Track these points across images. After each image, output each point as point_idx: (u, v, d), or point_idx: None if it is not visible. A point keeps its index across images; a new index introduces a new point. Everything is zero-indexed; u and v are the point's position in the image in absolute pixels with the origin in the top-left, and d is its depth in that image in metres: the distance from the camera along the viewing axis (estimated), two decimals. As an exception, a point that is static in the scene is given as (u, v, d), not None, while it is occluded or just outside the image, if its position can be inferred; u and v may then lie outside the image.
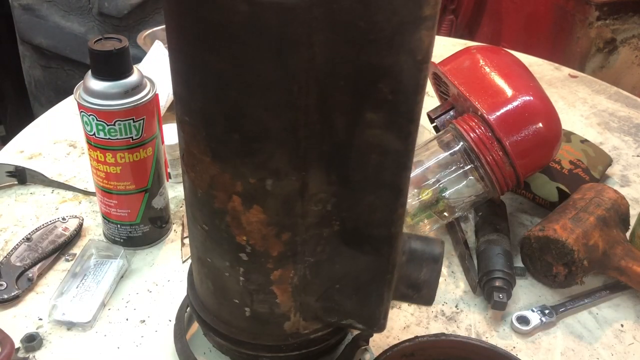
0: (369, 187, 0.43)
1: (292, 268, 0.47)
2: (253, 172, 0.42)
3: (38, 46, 1.52)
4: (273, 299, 0.49)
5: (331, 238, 0.46)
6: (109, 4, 1.44)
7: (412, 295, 0.51)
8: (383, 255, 0.46)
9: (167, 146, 0.81)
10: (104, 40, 0.62)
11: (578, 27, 1.65)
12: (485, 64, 0.73)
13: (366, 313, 0.50)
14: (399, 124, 0.40)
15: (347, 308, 0.50)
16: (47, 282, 0.68)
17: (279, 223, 0.44)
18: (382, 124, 0.40)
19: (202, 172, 0.44)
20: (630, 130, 1.03)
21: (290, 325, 0.51)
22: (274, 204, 0.43)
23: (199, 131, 0.42)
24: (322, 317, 0.51)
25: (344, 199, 0.44)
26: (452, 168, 0.71)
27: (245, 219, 0.44)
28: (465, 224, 0.78)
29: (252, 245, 0.45)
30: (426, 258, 0.50)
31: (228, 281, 0.49)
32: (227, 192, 0.43)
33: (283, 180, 0.42)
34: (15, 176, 0.83)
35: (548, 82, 1.17)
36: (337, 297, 0.49)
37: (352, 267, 0.47)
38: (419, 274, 0.50)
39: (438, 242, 0.51)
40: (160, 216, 0.73)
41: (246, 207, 0.44)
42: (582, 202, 0.71)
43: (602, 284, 0.72)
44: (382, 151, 0.41)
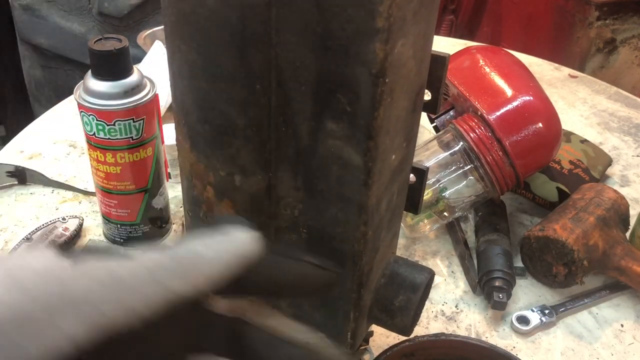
0: (331, 199, 0.42)
1: None
2: (223, 165, 0.42)
3: (38, 46, 1.52)
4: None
5: (300, 245, 0.45)
6: (109, 4, 1.44)
7: (386, 320, 0.48)
8: (348, 273, 0.44)
9: (167, 146, 0.81)
10: (104, 40, 0.62)
11: (578, 27, 1.65)
12: (485, 64, 0.73)
13: (334, 329, 0.48)
14: (357, 138, 0.38)
15: (316, 320, 0.48)
16: (47, 282, 0.68)
17: (249, 220, 0.44)
18: (341, 136, 0.38)
19: (184, 159, 0.45)
20: (630, 130, 1.03)
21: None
22: (242, 200, 0.43)
23: (180, 118, 0.44)
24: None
25: (310, 207, 0.43)
26: (452, 168, 0.71)
27: (217, 211, 0.45)
28: (465, 224, 0.78)
29: None
30: (405, 285, 0.47)
31: None
32: (202, 181, 0.44)
33: (250, 177, 0.42)
34: (15, 176, 0.83)
35: (548, 82, 1.17)
36: (306, 307, 0.48)
37: None
38: (394, 300, 0.47)
39: (425, 271, 0.48)
40: (160, 216, 0.73)
41: (218, 198, 0.44)
42: (582, 202, 0.71)
43: (602, 284, 0.72)
44: (343, 164, 0.40)
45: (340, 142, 0.39)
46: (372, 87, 0.36)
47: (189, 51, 0.39)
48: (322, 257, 0.43)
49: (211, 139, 0.42)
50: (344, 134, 0.38)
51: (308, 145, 0.40)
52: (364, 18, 0.34)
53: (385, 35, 0.34)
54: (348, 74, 0.36)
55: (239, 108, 0.39)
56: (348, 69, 0.36)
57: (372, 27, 0.34)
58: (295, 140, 0.40)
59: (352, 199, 0.41)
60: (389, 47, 0.34)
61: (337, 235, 0.43)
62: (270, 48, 0.36)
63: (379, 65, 0.35)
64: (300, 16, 0.35)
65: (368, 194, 0.40)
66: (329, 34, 0.35)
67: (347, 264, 0.44)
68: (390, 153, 0.41)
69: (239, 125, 0.40)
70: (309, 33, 0.35)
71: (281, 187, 0.42)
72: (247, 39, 0.36)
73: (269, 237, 0.44)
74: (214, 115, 0.41)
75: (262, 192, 0.43)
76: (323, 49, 0.35)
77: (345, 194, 0.41)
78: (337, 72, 0.36)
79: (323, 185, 0.41)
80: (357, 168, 0.39)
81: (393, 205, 0.47)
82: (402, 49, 0.36)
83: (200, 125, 0.42)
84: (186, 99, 0.42)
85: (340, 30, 0.34)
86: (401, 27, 0.35)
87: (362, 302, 0.46)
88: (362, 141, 0.38)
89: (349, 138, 0.38)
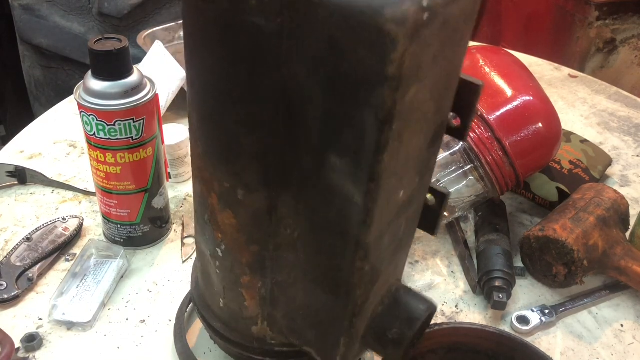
0: (330, 230, 0.41)
1: (259, 280, 0.47)
2: (227, 177, 0.42)
3: (38, 46, 1.52)
4: (242, 301, 0.49)
5: (297, 265, 0.44)
6: (109, 4, 1.44)
7: (378, 349, 0.47)
8: (341, 301, 0.44)
9: (167, 146, 0.81)
10: (104, 40, 0.62)
11: (578, 27, 1.65)
12: (485, 64, 0.73)
13: (325, 350, 0.47)
14: (360, 178, 0.37)
15: (309, 337, 0.48)
16: (47, 282, 0.68)
17: (249, 233, 0.44)
18: (345, 172, 0.38)
19: (194, 162, 0.46)
20: (630, 130, 1.03)
21: (258, 330, 0.51)
22: (244, 214, 0.43)
23: (193, 122, 0.44)
24: (286, 335, 0.49)
25: (309, 233, 0.42)
26: (452, 168, 0.71)
27: (220, 219, 0.45)
28: (465, 224, 0.78)
29: (225, 245, 0.46)
30: (402, 317, 0.46)
31: (210, 269, 0.50)
32: (208, 187, 0.45)
33: (253, 194, 0.42)
34: (15, 176, 0.83)
35: (548, 82, 1.17)
36: (300, 322, 0.47)
37: (313, 301, 0.45)
38: (388, 332, 0.46)
39: (426, 307, 0.46)
40: (160, 216, 0.73)
41: (221, 207, 0.44)
42: (582, 202, 0.71)
43: (602, 284, 0.72)
44: (344, 200, 0.39)
45: (343, 178, 0.38)
46: (377, 132, 0.34)
47: (202, 64, 0.39)
48: (317, 282, 0.43)
49: (217, 154, 0.42)
50: (347, 171, 0.37)
51: (311, 175, 0.39)
52: (375, 63, 0.32)
53: (396, 83, 0.32)
54: (355, 115, 0.35)
55: (246, 129, 0.39)
56: (355, 110, 0.34)
57: (383, 74, 0.32)
58: (299, 169, 0.39)
59: (351, 234, 0.40)
60: (399, 94, 0.33)
61: (334, 266, 0.42)
62: (280, 76, 0.36)
63: (386, 112, 0.33)
64: (311, 52, 0.34)
65: (367, 233, 0.39)
66: (339, 74, 0.34)
67: (342, 293, 0.43)
68: (398, 191, 0.40)
69: (245, 145, 0.40)
70: (318, 69, 0.34)
71: (283, 208, 0.42)
72: (257, 63, 0.36)
73: (269, 253, 0.45)
74: (221, 131, 0.41)
75: (263, 209, 0.42)
76: (332, 87, 0.35)
77: (345, 228, 0.40)
78: (343, 113, 0.35)
79: (323, 215, 0.41)
80: (357, 206, 0.38)
81: (399, 238, 0.45)
82: (417, 95, 0.35)
83: (210, 139, 0.42)
84: (198, 106, 0.42)
85: (350, 71, 0.33)
86: (416, 74, 0.33)
87: (354, 329, 0.45)
88: (364, 182, 0.37)
89: (351, 176, 0.37)
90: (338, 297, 0.43)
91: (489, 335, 0.56)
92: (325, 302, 0.45)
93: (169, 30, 1.14)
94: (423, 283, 0.71)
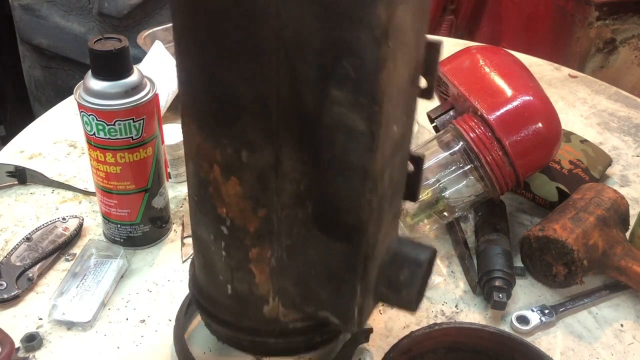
0: (337, 168, 0.43)
1: (269, 247, 0.47)
2: (230, 142, 0.43)
3: (38, 46, 1.52)
4: (252, 278, 0.49)
5: (305, 221, 0.46)
6: (109, 4, 1.44)
7: (392, 296, 0.49)
8: (354, 245, 0.45)
9: (167, 146, 0.81)
10: (104, 40, 0.62)
11: (578, 27, 1.65)
12: (485, 64, 0.73)
13: (340, 306, 0.49)
14: (362, 103, 0.39)
15: (322, 297, 0.49)
16: (47, 282, 0.68)
17: (255, 198, 0.45)
18: (346, 102, 0.40)
19: (190, 140, 0.46)
20: (630, 130, 1.03)
21: (269, 310, 0.51)
22: (249, 177, 0.44)
23: (187, 98, 0.45)
24: (299, 306, 0.50)
25: (316, 180, 0.44)
26: (452, 168, 0.71)
27: (224, 191, 0.45)
28: (465, 224, 0.78)
29: (231, 219, 0.46)
30: (409, 260, 0.49)
31: (213, 255, 0.50)
32: (209, 161, 0.45)
33: (257, 152, 0.43)
34: (15, 176, 0.83)
35: (548, 82, 1.17)
36: (312, 284, 0.48)
37: (325, 253, 0.47)
38: (399, 275, 0.48)
39: (428, 249, 0.49)
40: (160, 216, 0.73)
41: (225, 177, 0.45)
42: (581, 202, 0.71)
43: (602, 284, 0.72)
44: (348, 131, 0.41)
45: (345, 108, 0.40)
46: (376, 49, 0.37)
47: (198, 29, 0.40)
48: (327, 231, 0.44)
49: (219, 117, 0.43)
50: (348, 101, 0.40)
51: (313, 115, 0.41)
52: None
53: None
54: (352, 39, 0.37)
55: (247, 82, 0.41)
56: (352, 33, 0.37)
57: None
58: (301, 112, 0.41)
59: (358, 166, 0.42)
60: (391, 10, 0.36)
61: (343, 206, 0.44)
62: (278, 20, 0.38)
63: (382, 28, 0.36)
64: None
65: (373, 160, 0.41)
66: (333, 1, 0.36)
67: (353, 235, 0.44)
68: (392, 123, 0.42)
69: (247, 100, 0.41)
70: (315, 1, 0.37)
71: (287, 162, 0.43)
72: (254, 13, 0.38)
73: (276, 214, 0.45)
74: (222, 91, 0.42)
75: (268, 167, 0.43)
76: (327, 15, 0.37)
77: (351, 161, 0.42)
78: (341, 38, 0.37)
79: (329, 155, 0.42)
80: (362, 134, 0.40)
81: (395, 181, 0.47)
82: (403, 14, 0.37)
83: (208, 103, 0.43)
84: (194, 79, 0.43)
85: None
86: None
87: (368, 276, 0.46)
88: (366, 106, 0.39)
89: (353, 104, 0.40)
90: (350, 241, 0.45)
91: (489, 335, 0.56)
92: (337, 252, 0.46)
93: (169, 30, 1.14)
94: (423, 283, 0.71)
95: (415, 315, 0.66)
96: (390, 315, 0.66)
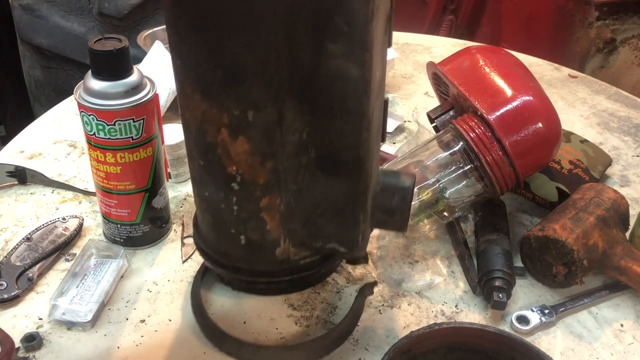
0: (336, 114, 0.49)
1: (277, 195, 0.52)
2: (236, 104, 0.47)
3: (38, 46, 1.52)
4: (264, 226, 0.54)
5: (309, 166, 0.51)
6: (109, 4, 1.44)
7: (387, 220, 0.57)
8: (354, 178, 0.52)
9: (167, 146, 0.81)
10: (104, 40, 0.62)
11: (578, 27, 1.65)
12: (485, 64, 0.73)
13: (346, 235, 0.56)
14: (355, 53, 0.45)
15: (329, 232, 0.55)
16: (47, 282, 0.68)
17: (262, 152, 0.50)
18: (341, 54, 0.45)
19: (194, 110, 0.49)
20: (630, 130, 1.03)
21: (281, 251, 0.56)
22: (256, 134, 0.49)
23: (190, 72, 0.48)
24: (308, 243, 0.56)
25: (317, 127, 0.49)
26: (452, 168, 0.71)
27: (233, 150, 0.50)
28: (465, 224, 0.78)
29: (241, 175, 0.51)
30: (397, 188, 0.57)
31: (224, 212, 0.54)
32: (215, 125, 0.49)
33: (262, 111, 0.47)
34: (16, 176, 0.83)
35: (548, 82, 1.17)
36: (319, 222, 0.55)
37: (329, 192, 0.53)
38: (392, 201, 0.56)
39: (410, 176, 0.58)
40: (160, 216, 0.73)
41: (233, 138, 0.49)
42: (581, 202, 0.71)
43: (602, 284, 0.72)
44: (344, 79, 0.47)
45: (341, 59, 0.46)
46: (366, 5, 0.43)
47: (201, 7, 0.44)
48: (329, 170, 0.52)
49: (224, 83, 0.47)
50: (343, 52, 0.45)
51: (311, 70, 0.46)
52: None
53: None
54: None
55: (249, 49, 0.45)
56: None
57: None
58: (300, 69, 0.46)
59: (355, 108, 0.48)
60: None
61: (343, 146, 0.50)
62: None
63: None
64: None
65: (367, 102, 0.48)
66: None
67: (354, 171, 0.51)
68: (376, 69, 0.49)
69: (250, 65, 0.45)
70: None
71: (289, 115, 0.48)
72: None
73: (282, 164, 0.50)
74: (225, 59, 0.46)
75: (273, 123, 0.48)
76: None
77: (349, 105, 0.48)
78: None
79: (327, 104, 0.48)
80: (357, 80, 0.47)
81: (377, 121, 0.54)
82: None
83: (212, 72, 0.47)
84: (198, 52, 0.47)
85: None
86: None
87: (367, 205, 0.54)
88: (359, 54, 0.45)
89: (348, 54, 0.46)
90: (351, 176, 0.52)
91: (489, 335, 0.56)
92: (340, 189, 0.53)
93: (169, 30, 1.14)
94: (423, 283, 0.71)
95: (415, 315, 0.67)
96: (390, 316, 0.67)
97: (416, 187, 0.72)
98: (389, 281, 0.71)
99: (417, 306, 0.68)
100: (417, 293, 0.70)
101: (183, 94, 0.50)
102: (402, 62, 1.25)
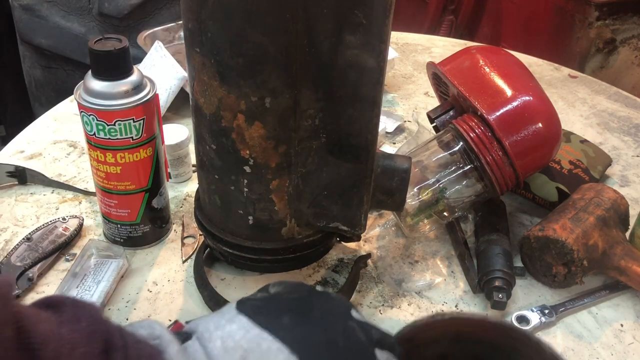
0: (349, 101, 0.52)
1: (287, 178, 0.55)
2: (254, 91, 0.50)
3: (38, 46, 1.52)
4: (272, 207, 0.57)
5: (319, 150, 0.54)
6: (109, 4, 1.44)
7: (387, 200, 0.61)
8: (362, 162, 0.55)
9: (167, 146, 0.81)
10: (104, 40, 0.62)
11: (578, 27, 1.65)
12: (485, 64, 0.73)
13: (349, 216, 0.59)
14: (372, 44, 0.48)
15: (334, 212, 0.59)
16: (47, 282, 0.68)
17: (276, 137, 0.52)
18: (358, 45, 0.48)
19: (211, 96, 0.52)
20: (630, 131, 1.03)
21: (287, 230, 0.59)
22: (272, 120, 0.51)
23: (209, 59, 0.50)
24: (313, 223, 0.60)
25: (329, 114, 0.52)
26: (451, 168, 0.71)
27: (248, 135, 0.52)
28: (465, 224, 0.78)
29: (254, 158, 0.54)
30: (397, 170, 0.60)
31: (233, 194, 0.57)
32: (232, 111, 0.51)
33: (279, 98, 0.50)
34: (16, 176, 0.83)
35: (548, 82, 1.17)
36: (325, 203, 0.58)
37: (337, 175, 0.56)
38: (392, 182, 0.60)
39: (406, 158, 0.61)
40: (161, 216, 0.73)
41: (249, 123, 0.52)
42: (581, 202, 0.71)
43: (601, 284, 0.72)
44: (360, 69, 0.50)
45: (358, 50, 0.49)
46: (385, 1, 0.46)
47: None
48: (338, 154, 0.55)
49: (244, 70, 0.49)
50: (360, 43, 0.48)
51: (329, 59, 0.49)
52: None
53: None
54: None
55: (271, 37, 0.47)
56: None
57: None
58: (318, 57, 0.49)
59: (368, 97, 0.51)
60: None
61: (354, 132, 0.53)
62: None
63: None
64: None
65: (380, 90, 0.51)
66: None
67: (362, 155, 0.55)
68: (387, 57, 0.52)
69: (270, 53, 0.48)
70: None
71: (304, 101, 0.51)
72: None
73: (294, 148, 0.53)
74: (247, 47, 0.48)
75: (288, 109, 0.51)
76: None
77: (362, 94, 0.51)
78: None
79: (341, 92, 0.51)
80: (372, 70, 0.50)
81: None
82: None
83: (233, 59, 0.49)
84: (218, 40, 0.48)
85: None
86: None
87: (371, 186, 0.57)
88: (376, 46, 0.49)
89: (365, 45, 0.48)
90: (359, 160, 0.55)
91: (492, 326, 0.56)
92: (347, 171, 0.56)
93: (169, 30, 1.14)
94: (423, 283, 0.71)
95: (415, 315, 0.67)
96: (390, 316, 0.67)
97: (416, 187, 0.72)
98: (389, 281, 0.71)
99: (417, 306, 0.68)
100: (417, 293, 0.70)
101: (199, 80, 0.52)
102: (402, 62, 1.25)
